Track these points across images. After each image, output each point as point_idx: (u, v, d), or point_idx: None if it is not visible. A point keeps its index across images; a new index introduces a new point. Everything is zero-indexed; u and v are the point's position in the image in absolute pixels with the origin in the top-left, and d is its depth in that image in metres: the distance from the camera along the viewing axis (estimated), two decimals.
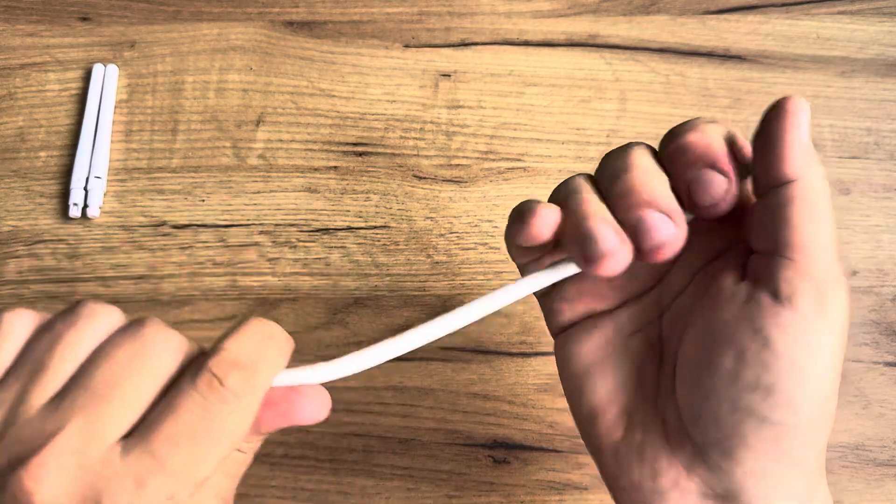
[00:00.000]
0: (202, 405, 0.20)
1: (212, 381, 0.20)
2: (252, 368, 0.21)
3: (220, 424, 0.20)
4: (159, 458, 0.19)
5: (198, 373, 0.20)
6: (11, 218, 0.38)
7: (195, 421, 0.20)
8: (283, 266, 0.38)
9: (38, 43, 0.42)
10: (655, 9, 0.43)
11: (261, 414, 0.22)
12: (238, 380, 0.20)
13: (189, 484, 0.20)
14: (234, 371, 0.20)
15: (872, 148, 0.41)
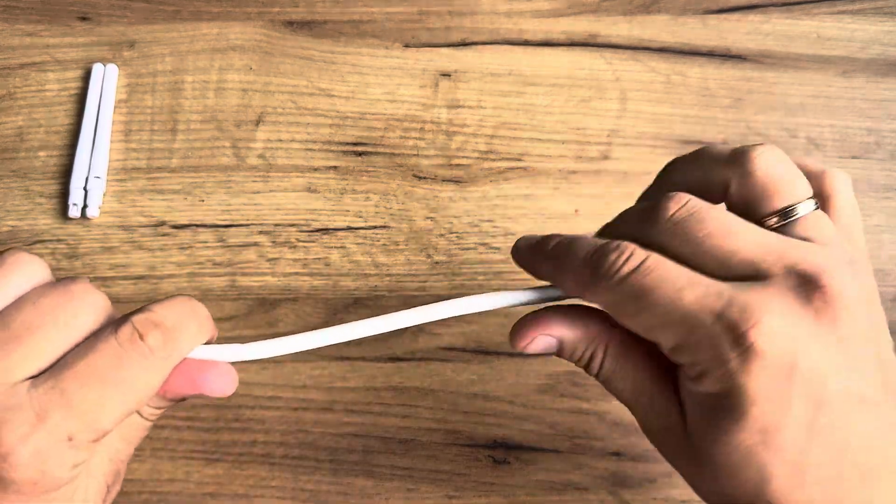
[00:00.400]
0: (118, 353, 0.21)
1: (133, 334, 0.21)
2: (172, 333, 0.22)
3: (131, 375, 0.21)
4: (66, 394, 0.20)
5: (120, 324, 0.21)
6: (10, 218, 0.38)
7: (108, 366, 0.21)
8: (282, 266, 0.38)
9: (37, 42, 0.42)
10: (656, 8, 0.43)
11: (171, 380, 0.23)
12: (157, 339, 0.21)
13: (90, 429, 0.21)
14: (155, 330, 0.21)
15: (873, 148, 0.40)
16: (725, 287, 0.21)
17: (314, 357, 0.36)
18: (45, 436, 0.20)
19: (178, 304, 0.23)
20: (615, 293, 0.22)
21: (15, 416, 0.20)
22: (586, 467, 0.34)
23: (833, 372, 0.20)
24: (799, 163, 0.23)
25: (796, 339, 0.20)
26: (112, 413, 0.21)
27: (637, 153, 0.40)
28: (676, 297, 0.21)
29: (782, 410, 0.20)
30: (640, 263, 0.21)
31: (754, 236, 0.21)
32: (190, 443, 0.34)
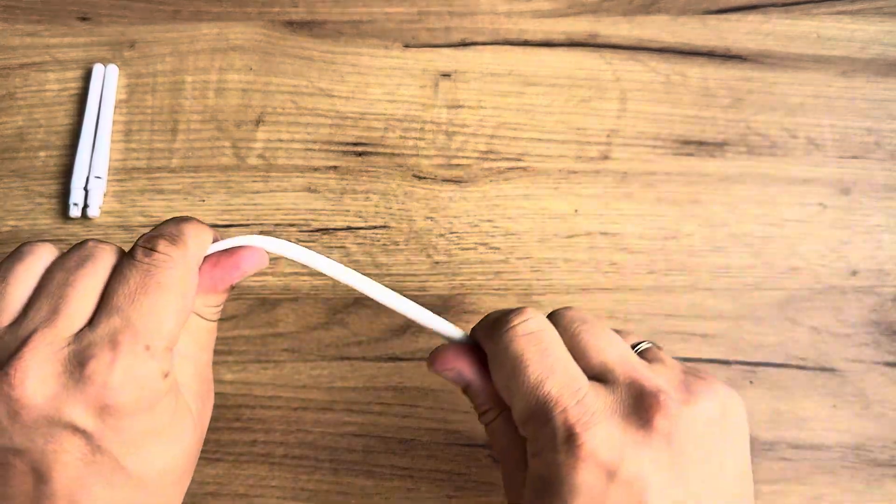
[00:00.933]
0: (143, 269, 0.24)
1: (145, 250, 0.24)
2: (177, 236, 0.25)
3: (164, 278, 0.23)
4: (123, 315, 0.23)
5: (132, 250, 0.24)
6: (11, 218, 0.38)
7: (142, 280, 0.23)
8: (283, 266, 0.38)
9: (37, 43, 0.42)
10: (656, 8, 0.43)
11: (210, 275, 0.26)
12: (166, 245, 0.24)
13: (158, 335, 0.23)
14: (160, 240, 0.24)
15: (873, 148, 0.40)
16: (584, 385, 0.23)
17: (314, 357, 0.36)
18: (126, 355, 0.22)
19: (168, 220, 0.26)
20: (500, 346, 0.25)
21: (93, 352, 0.22)
22: None
23: (657, 484, 0.22)
24: None
25: (623, 447, 0.22)
26: (168, 315, 0.23)
27: (637, 153, 0.40)
28: (540, 379, 0.23)
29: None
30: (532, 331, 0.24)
31: (620, 348, 0.25)
32: None
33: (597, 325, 0.25)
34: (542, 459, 0.23)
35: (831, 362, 0.36)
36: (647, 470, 0.22)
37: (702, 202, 0.39)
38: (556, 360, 0.24)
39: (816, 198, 0.39)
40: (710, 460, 0.23)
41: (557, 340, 0.25)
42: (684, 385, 0.24)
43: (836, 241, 0.39)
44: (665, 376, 0.24)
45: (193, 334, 0.26)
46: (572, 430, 0.22)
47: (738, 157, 0.40)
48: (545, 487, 0.23)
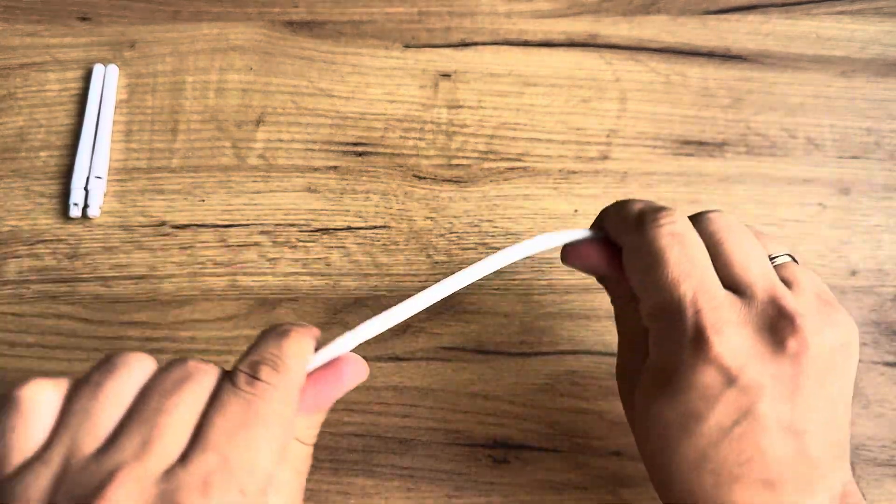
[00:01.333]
0: (245, 398, 0.22)
1: (247, 378, 0.22)
2: (278, 359, 0.23)
3: (265, 409, 0.22)
4: (219, 453, 0.20)
5: (233, 376, 0.22)
6: (12, 218, 0.38)
7: (242, 412, 0.21)
8: (283, 266, 0.38)
9: (37, 43, 0.42)
10: (655, 9, 0.43)
11: (311, 394, 0.24)
12: (268, 370, 0.22)
13: (254, 475, 0.21)
14: (262, 365, 0.22)
15: (873, 148, 0.41)
16: (721, 293, 0.24)
17: None
18: (218, 500, 0.20)
19: (267, 335, 0.24)
20: (643, 242, 0.25)
21: (184, 495, 0.20)
22: (586, 466, 0.34)
23: (770, 397, 0.23)
24: None
25: (749, 357, 0.23)
26: (266, 454, 0.21)
27: (637, 153, 0.40)
28: (679, 277, 0.24)
29: (708, 406, 0.23)
30: (678, 231, 0.24)
31: (762, 262, 0.25)
32: None
33: (742, 235, 0.25)
34: (664, 351, 0.24)
35: None
36: (766, 382, 0.23)
37: (701, 202, 0.39)
38: (696, 264, 0.24)
39: (816, 198, 0.39)
40: (826, 387, 0.23)
41: (701, 246, 0.25)
42: (819, 312, 0.24)
43: (836, 241, 0.39)
44: (803, 299, 0.24)
45: (290, 461, 0.24)
46: (703, 332, 0.23)
47: (737, 157, 0.40)
48: (661, 377, 0.24)
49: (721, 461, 0.23)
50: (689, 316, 0.23)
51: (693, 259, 0.24)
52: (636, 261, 0.25)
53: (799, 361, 0.23)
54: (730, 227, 0.25)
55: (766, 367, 0.23)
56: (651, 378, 0.25)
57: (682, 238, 0.24)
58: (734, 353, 0.23)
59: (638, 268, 0.25)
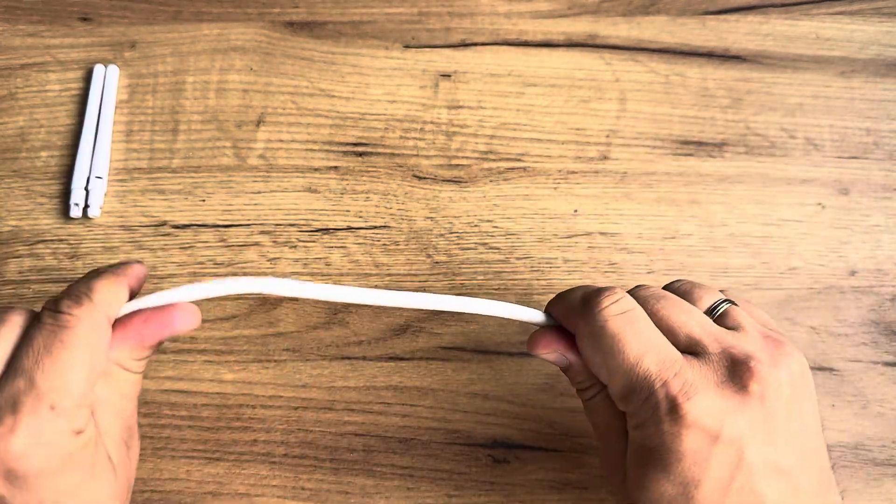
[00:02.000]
0: (49, 329, 0.24)
1: (50, 312, 0.24)
2: (84, 294, 0.25)
3: (69, 337, 0.24)
4: (26, 377, 0.23)
5: (40, 314, 0.25)
6: (12, 218, 0.38)
7: (47, 341, 0.23)
8: (283, 266, 0.38)
9: (38, 43, 0.42)
10: (655, 9, 0.43)
11: (139, 329, 0.26)
12: (70, 304, 0.24)
13: (64, 394, 0.23)
14: (66, 300, 0.24)
15: (871, 148, 0.41)
16: (679, 358, 0.25)
17: (315, 357, 0.36)
18: (28, 417, 0.22)
19: (80, 278, 0.26)
20: (595, 327, 0.26)
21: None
22: (586, 466, 0.34)
23: (753, 443, 0.24)
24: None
25: (723, 412, 0.24)
26: (75, 374, 0.24)
27: (636, 153, 0.40)
28: (639, 356, 0.25)
29: (703, 469, 0.24)
30: (625, 310, 0.26)
31: (700, 319, 0.26)
32: (191, 442, 0.34)
33: (672, 300, 0.26)
34: (644, 430, 0.25)
35: (830, 362, 0.36)
36: (745, 431, 0.24)
37: (701, 202, 0.39)
38: (650, 338, 0.25)
39: (815, 198, 0.40)
40: (795, 417, 0.25)
41: (647, 318, 0.26)
42: (767, 349, 0.25)
43: (835, 241, 0.39)
44: (749, 342, 0.25)
45: (116, 385, 0.27)
46: (675, 402, 0.24)
47: (736, 157, 0.40)
48: (649, 455, 0.25)
49: None
50: (657, 389, 0.24)
51: (646, 334, 0.25)
52: (593, 347, 0.26)
53: (765, 400, 0.24)
54: (658, 296, 0.27)
55: (740, 416, 0.24)
56: (638, 459, 0.25)
57: (631, 316, 0.25)
58: (709, 412, 0.24)
59: (597, 353, 0.26)
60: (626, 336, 0.25)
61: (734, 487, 0.24)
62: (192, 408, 0.35)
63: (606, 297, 0.26)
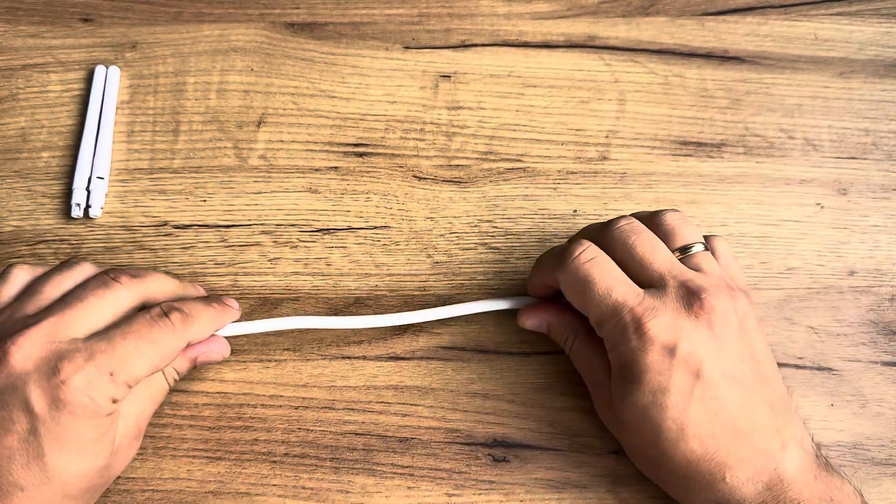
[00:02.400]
0: (150, 323, 0.30)
1: (161, 313, 0.30)
2: (189, 317, 0.31)
3: (160, 338, 0.29)
4: (110, 343, 0.28)
5: (153, 307, 0.31)
6: (14, 218, 0.39)
7: (142, 330, 0.29)
8: (283, 266, 0.38)
9: (40, 44, 0.42)
10: (654, 10, 0.44)
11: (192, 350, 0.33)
12: (178, 318, 0.30)
13: (127, 371, 0.28)
14: (177, 312, 0.30)
15: (870, 148, 0.41)
16: (640, 291, 0.30)
17: (315, 356, 0.36)
18: (93, 370, 0.28)
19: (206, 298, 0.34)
20: (570, 274, 0.31)
21: (72, 355, 0.28)
22: (585, 465, 0.34)
23: (708, 357, 0.28)
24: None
25: (679, 331, 0.28)
26: (143, 363, 0.29)
27: (635, 154, 0.40)
28: (608, 290, 0.30)
29: (667, 378, 0.28)
30: (592, 257, 0.30)
31: (665, 256, 0.30)
32: (192, 441, 0.34)
33: (645, 237, 0.31)
34: (618, 350, 0.30)
35: (829, 362, 0.36)
36: (698, 347, 0.28)
37: (700, 203, 0.39)
38: (615, 276, 0.30)
39: (814, 198, 0.40)
40: (745, 344, 0.29)
41: (611, 262, 0.31)
42: (720, 288, 0.29)
43: (834, 241, 0.39)
44: (707, 280, 0.30)
45: (151, 388, 0.32)
46: (639, 321, 0.29)
47: (735, 157, 0.40)
48: (623, 372, 0.29)
49: (697, 423, 0.28)
50: (625, 314, 0.29)
51: (610, 274, 0.30)
52: (572, 289, 0.31)
53: (712, 323, 0.29)
54: (636, 231, 0.31)
55: (694, 334, 0.28)
56: (618, 379, 0.30)
57: (597, 261, 0.30)
58: (668, 329, 0.28)
59: (575, 294, 0.31)
60: (595, 276, 0.30)
61: (696, 395, 0.28)
62: (194, 407, 0.35)
63: (576, 248, 0.31)
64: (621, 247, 0.31)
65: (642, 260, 0.30)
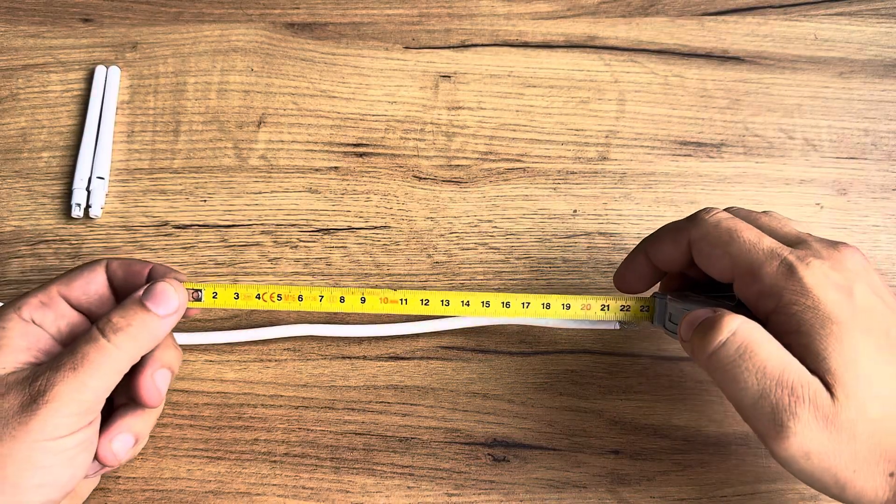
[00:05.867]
0: None
1: None
2: None
3: None
4: None
5: None
6: (14, 218, 0.39)
7: None
8: (284, 266, 0.38)
9: (40, 44, 0.42)
10: (654, 10, 0.44)
11: None
12: None
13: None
14: None
15: (870, 148, 0.41)
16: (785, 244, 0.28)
17: (315, 356, 0.36)
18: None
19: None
20: (711, 227, 0.29)
21: None
22: (585, 465, 0.35)
23: (859, 288, 0.27)
24: None
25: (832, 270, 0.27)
26: None
27: (635, 154, 0.40)
28: (758, 237, 0.28)
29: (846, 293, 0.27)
30: (729, 216, 0.29)
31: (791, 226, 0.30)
32: (192, 441, 0.35)
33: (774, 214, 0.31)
34: (779, 298, 0.27)
35: None
36: (851, 279, 0.27)
37: (700, 203, 0.40)
38: (756, 230, 0.29)
39: (814, 198, 0.40)
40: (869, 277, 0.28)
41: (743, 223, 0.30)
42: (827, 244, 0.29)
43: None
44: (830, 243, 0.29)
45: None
46: (794, 266, 0.27)
47: (735, 157, 0.40)
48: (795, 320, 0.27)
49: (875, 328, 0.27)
50: (787, 255, 0.27)
51: (753, 228, 0.29)
52: (714, 242, 0.29)
53: (854, 272, 0.27)
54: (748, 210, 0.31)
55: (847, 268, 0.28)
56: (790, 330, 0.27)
57: (735, 218, 0.29)
58: (822, 272, 0.27)
59: (718, 246, 0.29)
60: (740, 227, 0.29)
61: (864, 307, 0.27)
62: (194, 407, 0.35)
63: (708, 209, 0.30)
64: (745, 216, 0.30)
65: (770, 226, 0.30)
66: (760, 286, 0.28)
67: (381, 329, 0.35)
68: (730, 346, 0.27)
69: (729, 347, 0.27)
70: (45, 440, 0.25)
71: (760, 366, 0.26)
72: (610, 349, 0.37)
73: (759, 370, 0.26)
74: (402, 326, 0.35)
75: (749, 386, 0.26)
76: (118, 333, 0.27)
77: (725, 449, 0.35)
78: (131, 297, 0.29)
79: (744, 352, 0.27)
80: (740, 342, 0.27)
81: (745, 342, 0.27)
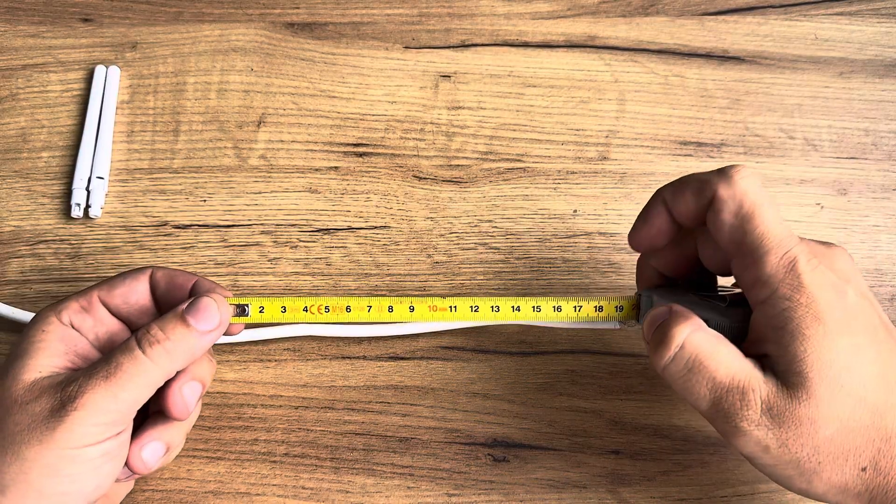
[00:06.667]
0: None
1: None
2: None
3: None
4: None
5: None
6: (14, 218, 0.39)
7: None
8: (283, 266, 0.38)
9: (40, 44, 0.42)
10: (654, 10, 0.44)
11: None
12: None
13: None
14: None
15: (870, 148, 0.41)
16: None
17: (315, 356, 0.36)
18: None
19: None
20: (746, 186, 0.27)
21: None
22: (585, 465, 0.34)
23: (855, 283, 0.27)
24: None
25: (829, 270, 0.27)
26: None
27: (635, 154, 0.40)
28: (775, 225, 0.27)
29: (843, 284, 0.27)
30: (759, 184, 0.28)
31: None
32: (192, 441, 0.35)
33: None
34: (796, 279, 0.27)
35: None
36: (844, 280, 0.27)
37: None
38: (776, 210, 0.27)
39: (814, 198, 0.40)
40: (857, 279, 0.28)
41: None
42: None
43: (834, 241, 0.39)
44: None
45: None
46: (796, 261, 0.27)
47: (735, 157, 0.40)
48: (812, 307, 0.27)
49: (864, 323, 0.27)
50: (801, 244, 0.27)
51: (775, 206, 0.28)
52: (732, 212, 0.27)
53: (845, 273, 0.28)
54: None
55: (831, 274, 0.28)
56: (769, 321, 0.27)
57: (764, 191, 0.28)
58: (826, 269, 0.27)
59: (737, 217, 0.27)
60: (766, 202, 0.27)
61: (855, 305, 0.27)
62: None
63: (738, 166, 0.28)
64: None
65: None
66: (759, 273, 0.27)
67: (381, 329, 0.35)
68: (679, 361, 0.27)
69: (678, 363, 0.27)
70: (71, 448, 0.25)
71: (710, 376, 0.27)
72: (610, 349, 0.37)
73: (709, 380, 0.27)
74: (403, 327, 0.35)
75: (701, 396, 0.27)
76: (154, 346, 0.27)
77: (725, 449, 0.35)
78: (174, 311, 0.28)
79: (693, 365, 0.27)
80: (689, 355, 0.27)
81: (693, 355, 0.27)
